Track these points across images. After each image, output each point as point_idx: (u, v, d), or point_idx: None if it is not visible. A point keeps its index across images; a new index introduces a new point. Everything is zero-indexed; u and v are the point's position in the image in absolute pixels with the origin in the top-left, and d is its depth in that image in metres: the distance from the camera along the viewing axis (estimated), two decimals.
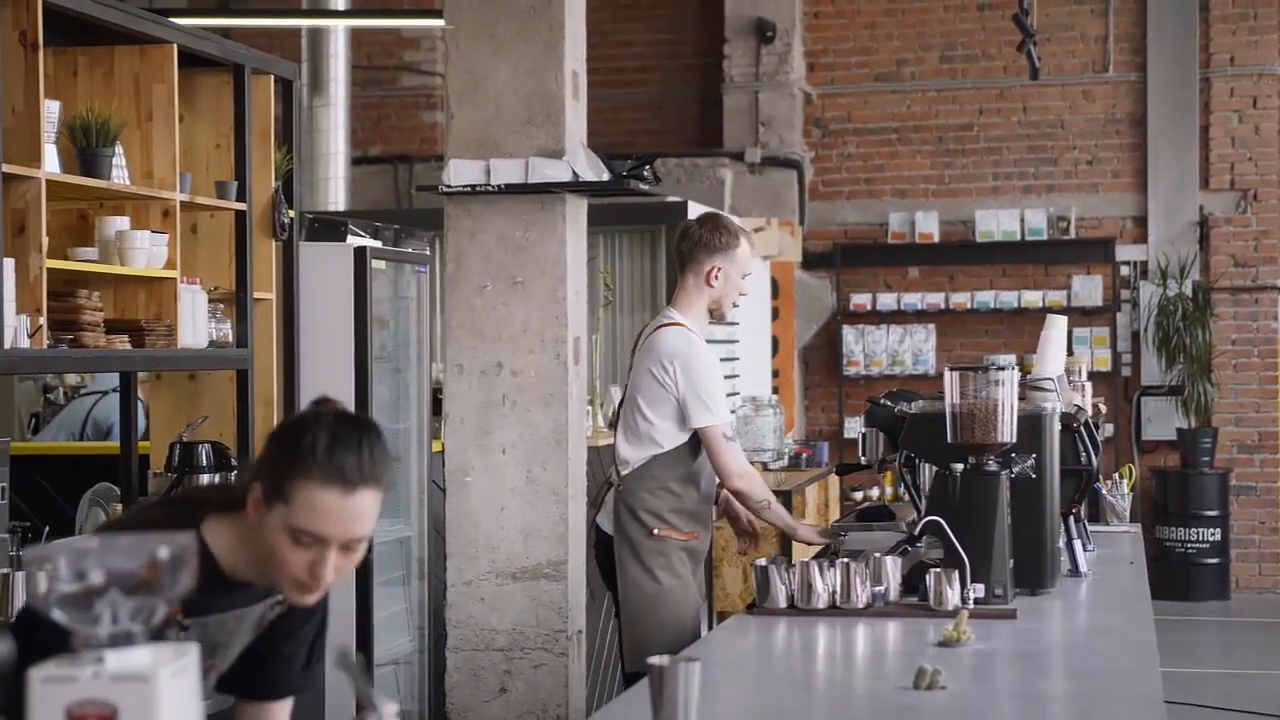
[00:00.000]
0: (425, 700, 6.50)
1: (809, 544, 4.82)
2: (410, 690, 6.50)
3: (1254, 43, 12.17)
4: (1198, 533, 11.86)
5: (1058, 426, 4.58)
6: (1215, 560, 11.91)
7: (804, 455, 10.47)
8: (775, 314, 12.02)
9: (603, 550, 5.14)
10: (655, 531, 4.94)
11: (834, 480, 10.92)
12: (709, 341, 5.40)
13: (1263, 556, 12.24)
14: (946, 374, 4.34)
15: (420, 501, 6.51)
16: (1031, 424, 4.43)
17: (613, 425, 8.24)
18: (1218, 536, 11.88)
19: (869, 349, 12.55)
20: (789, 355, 12.28)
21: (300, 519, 2.47)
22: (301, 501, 2.47)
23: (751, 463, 9.76)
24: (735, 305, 5.20)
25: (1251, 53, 12.18)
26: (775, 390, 11.79)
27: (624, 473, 5.01)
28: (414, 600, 6.53)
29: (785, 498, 8.95)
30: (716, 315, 5.13)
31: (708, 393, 4.88)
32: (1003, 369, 4.31)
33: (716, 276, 5.03)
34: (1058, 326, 5.29)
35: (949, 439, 4.30)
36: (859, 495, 11.47)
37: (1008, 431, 4.27)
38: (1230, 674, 9.69)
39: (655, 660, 2.67)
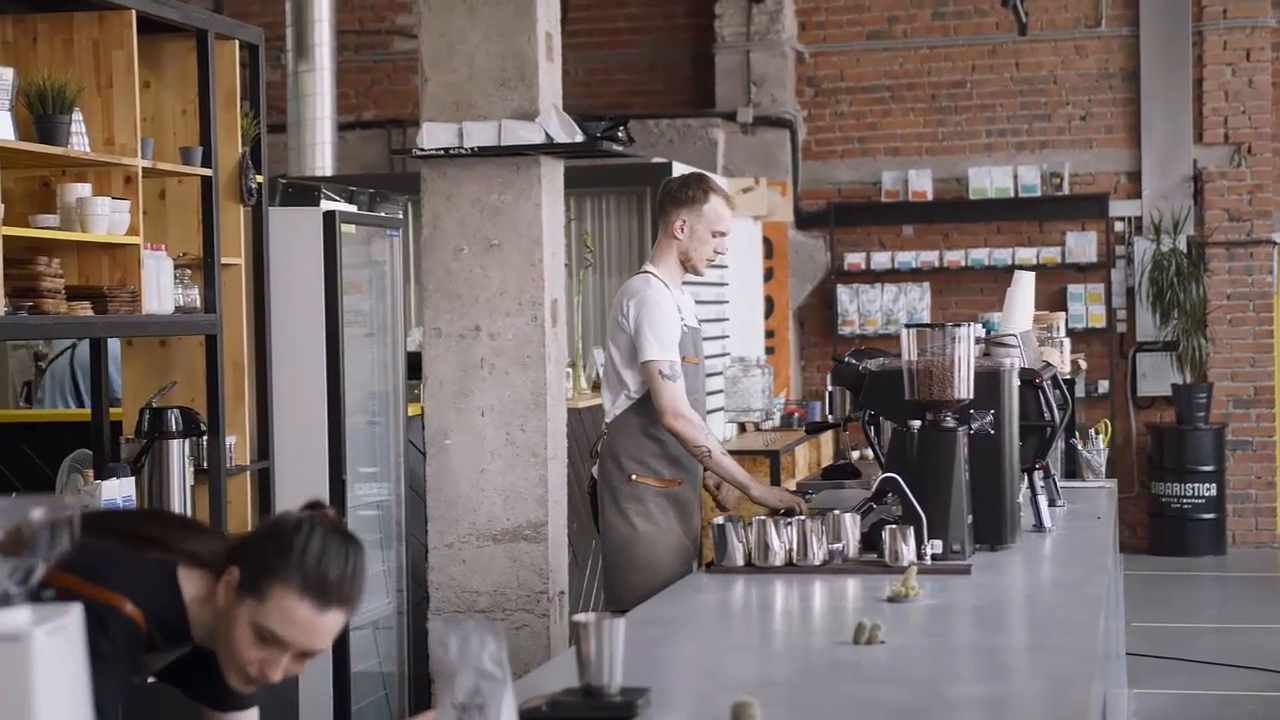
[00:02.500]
0: (406, 663, 6.54)
1: (766, 505, 4.82)
2: (390, 652, 6.54)
3: None
4: (1194, 488, 11.86)
5: (1017, 382, 4.58)
6: (1211, 515, 11.90)
7: (796, 415, 10.48)
8: (769, 274, 12.01)
9: (594, 497, 5.24)
10: (633, 477, 5.02)
11: (828, 439, 10.93)
12: (698, 301, 5.46)
13: (1259, 511, 12.24)
14: (903, 332, 4.35)
15: (397, 465, 6.53)
16: (990, 380, 4.43)
17: (596, 386, 8.27)
18: (1214, 492, 11.88)
19: (864, 308, 12.54)
20: (784, 315, 12.28)
21: (270, 620, 2.55)
22: (276, 604, 2.54)
23: (741, 423, 9.87)
24: (711, 261, 5.23)
25: (1244, 5, 12.11)
26: (770, 350, 11.80)
27: (607, 421, 5.11)
28: (393, 563, 6.56)
29: (774, 457, 8.97)
30: (689, 269, 5.18)
31: (652, 328, 4.95)
32: (959, 326, 4.31)
33: (682, 229, 5.11)
34: (1024, 283, 5.29)
35: (906, 396, 4.32)
36: (855, 454, 11.47)
37: (965, 388, 4.29)
38: (1226, 628, 9.71)
39: (580, 617, 2.69)
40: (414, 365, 6.17)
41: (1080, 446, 6.25)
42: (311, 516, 2.63)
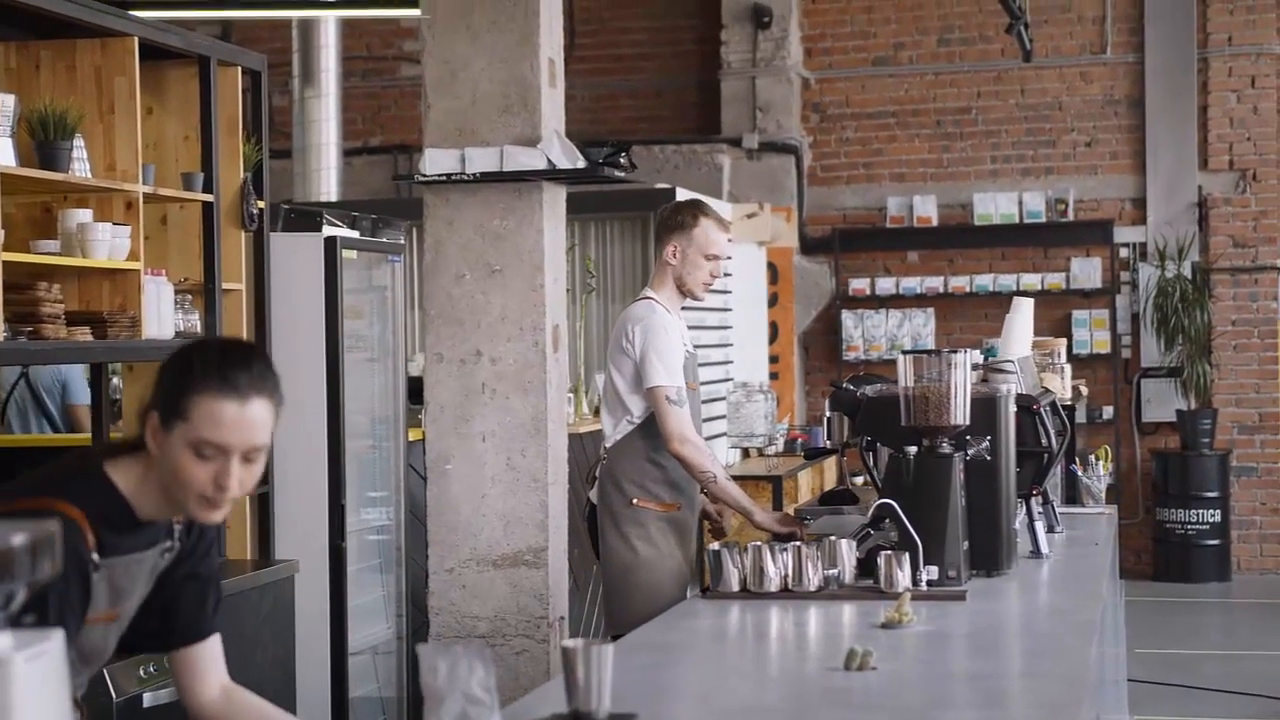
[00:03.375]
0: (405, 687, 6.54)
1: (768, 530, 4.86)
2: (389, 678, 6.54)
3: (1251, 22, 12.13)
4: (1198, 514, 11.84)
5: (1013, 409, 4.58)
6: (1216, 542, 11.88)
7: (800, 440, 10.48)
8: (774, 300, 12.03)
9: (592, 522, 5.26)
10: (634, 501, 5.06)
11: (831, 464, 10.93)
12: (696, 327, 5.49)
13: (1264, 538, 12.21)
14: (900, 358, 4.36)
15: (398, 490, 6.54)
16: (986, 406, 4.43)
17: (598, 411, 8.28)
18: (1218, 518, 11.86)
19: (868, 334, 12.55)
20: (789, 341, 12.29)
21: (203, 431, 2.63)
22: (202, 415, 2.63)
23: (745, 449, 9.87)
24: (708, 286, 5.26)
25: (1249, 32, 12.13)
26: (775, 376, 11.80)
27: (607, 445, 5.15)
28: (393, 588, 6.57)
29: (776, 483, 8.97)
30: (686, 294, 5.22)
31: (658, 354, 5.01)
32: (955, 352, 4.32)
33: (675, 254, 5.18)
34: (1022, 310, 5.30)
35: (903, 422, 4.32)
36: (860, 480, 11.45)
37: (961, 414, 4.29)
38: (1231, 655, 9.68)
39: (567, 643, 2.70)
40: (416, 390, 6.19)
41: (1080, 472, 6.24)
42: (203, 340, 2.82)
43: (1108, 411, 12.17)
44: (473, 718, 2.48)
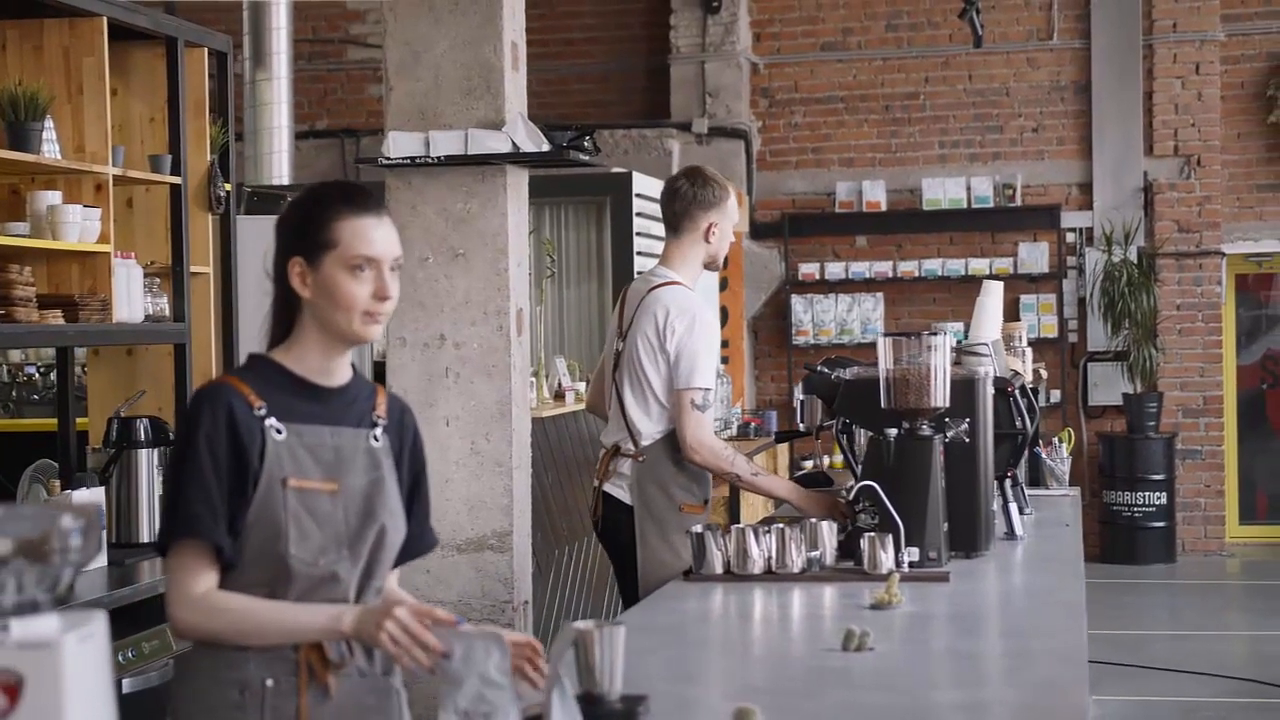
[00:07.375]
0: None
1: (810, 514, 4.65)
2: None
3: (1196, 9, 12.24)
4: (1144, 496, 11.96)
5: (991, 391, 4.61)
6: (1161, 524, 12.02)
7: (753, 424, 10.50)
8: (724, 284, 12.05)
9: (612, 517, 4.91)
10: (682, 508, 4.80)
11: (783, 449, 10.97)
12: None
13: (1208, 519, 12.36)
14: (880, 340, 4.37)
15: None
16: (965, 389, 4.46)
17: (559, 396, 8.26)
18: (1164, 500, 11.99)
19: (818, 318, 12.59)
20: (738, 325, 12.32)
21: (355, 248, 2.76)
22: (349, 235, 2.76)
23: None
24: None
25: (1194, 19, 12.24)
26: (725, 360, 11.82)
27: (643, 444, 4.80)
28: None
29: None
30: (712, 269, 4.95)
31: (698, 353, 4.70)
32: (935, 334, 4.34)
33: (714, 233, 4.85)
34: (993, 293, 5.32)
35: (883, 404, 4.34)
36: (809, 464, 11.51)
37: (941, 396, 4.31)
38: (1177, 635, 9.80)
39: (579, 625, 2.69)
40: (380, 374, 6.15)
41: (1044, 454, 6.29)
42: (319, 183, 2.88)
43: (1055, 395, 12.27)
44: (490, 700, 2.48)
